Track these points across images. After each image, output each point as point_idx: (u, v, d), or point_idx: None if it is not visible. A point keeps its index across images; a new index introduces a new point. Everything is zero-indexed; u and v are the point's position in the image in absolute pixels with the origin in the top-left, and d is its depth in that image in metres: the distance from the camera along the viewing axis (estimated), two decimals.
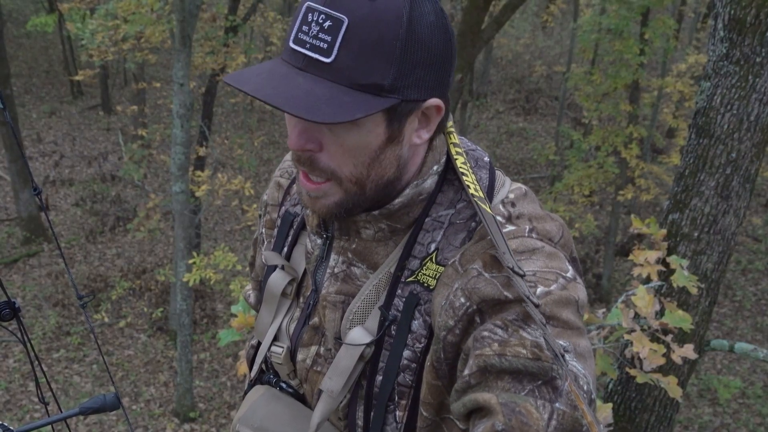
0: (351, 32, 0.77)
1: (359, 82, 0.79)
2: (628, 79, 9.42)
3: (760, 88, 2.67)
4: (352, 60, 0.78)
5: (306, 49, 0.80)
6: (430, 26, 0.81)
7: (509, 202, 0.92)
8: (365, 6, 0.78)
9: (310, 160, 0.86)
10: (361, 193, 0.88)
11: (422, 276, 0.90)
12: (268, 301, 1.07)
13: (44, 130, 14.58)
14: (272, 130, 15.41)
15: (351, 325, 0.94)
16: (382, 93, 0.80)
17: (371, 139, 0.84)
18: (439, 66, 0.83)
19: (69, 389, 8.29)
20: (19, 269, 10.42)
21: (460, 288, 0.83)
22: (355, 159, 0.85)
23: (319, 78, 0.79)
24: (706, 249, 2.96)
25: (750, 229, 11.91)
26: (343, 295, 0.96)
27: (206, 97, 10.55)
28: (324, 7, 0.79)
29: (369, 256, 0.94)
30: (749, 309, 10.07)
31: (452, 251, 0.89)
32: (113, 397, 1.00)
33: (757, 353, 2.91)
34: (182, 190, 7.32)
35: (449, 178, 0.94)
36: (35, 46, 18.22)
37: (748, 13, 2.63)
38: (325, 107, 0.77)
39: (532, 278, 0.81)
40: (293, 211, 1.08)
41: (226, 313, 9.78)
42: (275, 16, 11.73)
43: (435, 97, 0.85)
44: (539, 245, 0.85)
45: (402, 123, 0.84)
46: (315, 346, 1.01)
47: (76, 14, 8.47)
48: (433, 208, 0.92)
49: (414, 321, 0.90)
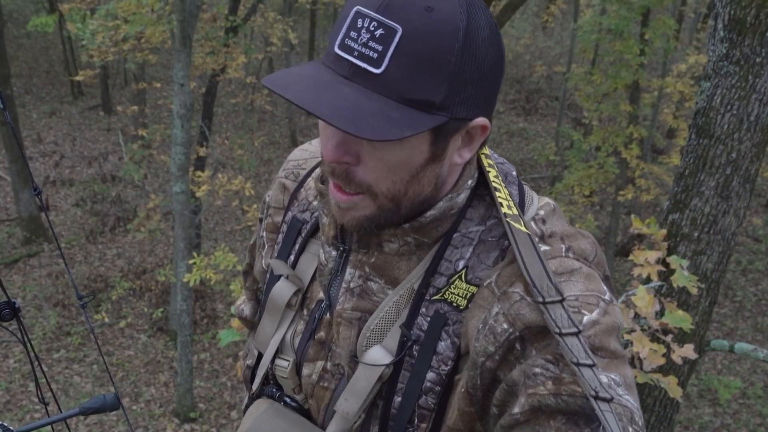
0: (404, 43, 0.72)
1: (409, 96, 0.74)
2: (628, 80, 9.42)
3: (760, 88, 2.67)
4: (403, 73, 0.73)
5: (354, 57, 0.74)
6: (484, 41, 0.76)
7: (540, 219, 0.88)
8: (421, 16, 0.73)
9: (345, 173, 0.81)
10: (396, 210, 0.83)
11: (450, 295, 0.85)
12: (272, 311, 1.02)
13: (44, 131, 14.59)
14: (272, 131, 15.41)
15: (368, 343, 0.89)
16: (432, 110, 0.75)
17: (414, 157, 0.79)
18: (489, 83, 0.79)
19: (69, 389, 8.29)
20: (19, 269, 10.42)
21: (502, 313, 0.79)
22: (395, 176, 0.80)
23: (365, 89, 0.74)
24: (706, 249, 2.96)
25: (750, 229, 11.91)
26: (359, 312, 0.91)
27: (206, 98, 10.55)
28: (376, 14, 0.73)
29: (389, 270, 0.89)
30: (749, 309, 10.06)
31: (484, 270, 0.84)
32: (113, 397, 1.00)
33: (758, 353, 2.91)
34: (182, 190, 7.32)
35: (480, 193, 0.89)
36: (35, 47, 18.22)
37: (748, 14, 2.63)
38: (373, 122, 0.72)
39: (574, 303, 0.77)
40: (302, 218, 1.03)
41: (227, 313, 9.78)
42: (275, 16, 11.72)
43: (482, 116, 0.80)
44: (577, 266, 0.81)
45: (447, 141, 0.80)
46: (321, 362, 0.97)
47: (76, 14, 8.47)
48: (462, 224, 0.87)
49: (440, 342, 0.85)
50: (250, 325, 1.24)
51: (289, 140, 14.94)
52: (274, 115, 15.91)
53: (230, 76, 10.15)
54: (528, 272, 0.77)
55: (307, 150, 1.10)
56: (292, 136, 14.88)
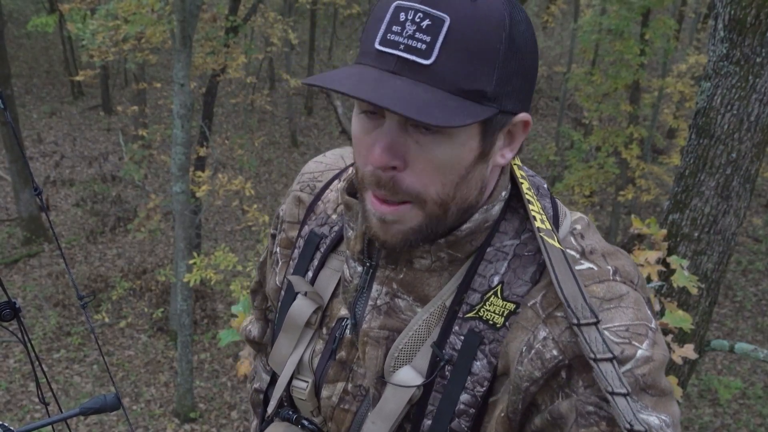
0: (453, 33, 0.70)
1: (462, 87, 0.71)
2: (628, 80, 9.42)
3: (761, 88, 2.67)
4: (454, 63, 0.70)
5: (400, 51, 0.71)
6: (524, 34, 0.75)
7: (578, 233, 0.85)
8: (467, 6, 0.71)
9: (392, 180, 0.76)
10: (443, 217, 0.79)
11: (485, 312, 0.81)
12: (289, 330, 0.97)
13: (45, 131, 14.59)
14: (272, 131, 15.41)
15: (396, 363, 0.85)
16: (484, 101, 0.72)
17: (464, 154, 0.75)
18: (530, 77, 0.77)
19: (69, 389, 8.29)
20: (19, 269, 10.42)
21: (552, 339, 0.75)
22: (444, 177, 0.76)
23: (417, 82, 0.71)
24: (707, 249, 2.96)
25: (750, 229, 11.90)
26: (387, 330, 0.86)
27: (207, 98, 10.55)
28: (421, 5, 0.71)
29: (418, 287, 0.85)
30: (750, 309, 10.06)
31: (521, 286, 0.81)
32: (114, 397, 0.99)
33: (758, 353, 2.91)
34: (183, 190, 7.32)
35: (513, 205, 0.86)
36: (36, 47, 18.23)
37: (749, 14, 2.63)
38: (436, 111, 0.69)
39: (624, 333, 0.73)
40: (320, 232, 0.98)
41: (227, 313, 9.78)
42: (276, 16, 11.72)
43: (525, 111, 0.78)
44: (625, 290, 0.77)
45: (494, 137, 0.77)
46: (342, 383, 0.93)
47: (76, 14, 8.47)
48: (496, 237, 0.83)
49: (476, 362, 0.80)
50: (257, 347, 1.20)
51: (289, 140, 14.94)
52: (275, 115, 15.91)
53: (230, 76, 10.15)
54: (562, 291, 0.74)
55: (322, 162, 1.06)
56: (292, 137, 14.88)
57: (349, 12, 15.38)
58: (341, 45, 20.15)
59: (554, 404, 0.75)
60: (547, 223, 0.82)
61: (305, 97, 16.37)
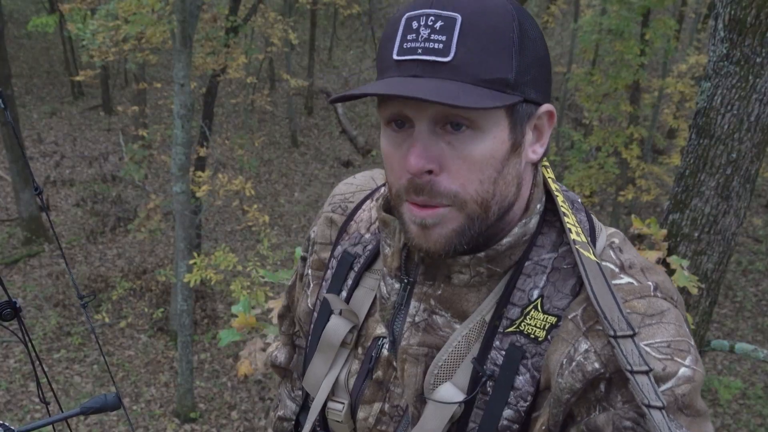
0: (466, 27, 0.72)
1: (484, 77, 0.73)
2: (628, 80, 9.42)
3: (761, 88, 2.67)
4: (473, 55, 0.72)
5: (418, 55, 0.73)
6: (532, 25, 0.77)
7: (617, 247, 0.85)
8: (474, 2, 0.74)
9: (430, 185, 0.76)
10: (485, 217, 0.79)
11: (526, 326, 0.81)
12: (324, 350, 0.96)
13: (45, 131, 14.59)
14: (273, 131, 15.41)
15: (436, 380, 0.84)
16: (507, 89, 0.74)
17: (497, 147, 0.76)
18: (546, 67, 0.79)
19: (70, 389, 8.30)
20: (19, 269, 10.42)
21: (594, 351, 0.75)
22: (482, 174, 0.76)
23: (441, 79, 0.73)
24: (707, 249, 2.96)
25: (751, 229, 11.90)
26: (426, 347, 0.86)
27: (207, 98, 10.55)
28: (431, 9, 0.74)
29: (457, 303, 0.85)
30: (750, 310, 10.06)
31: (562, 299, 0.81)
32: (114, 396, 1.00)
33: (758, 354, 2.91)
34: (183, 190, 7.32)
35: (549, 219, 0.86)
36: (36, 47, 18.23)
37: (749, 14, 2.63)
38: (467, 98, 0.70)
39: (666, 350, 0.73)
40: (353, 251, 0.98)
41: (227, 313, 9.78)
42: (276, 16, 11.73)
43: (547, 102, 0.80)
44: (666, 306, 0.77)
45: (523, 128, 0.78)
46: (379, 403, 0.92)
47: (77, 15, 8.47)
48: (534, 251, 0.84)
49: (518, 377, 0.80)
50: (282, 372, 1.20)
51: (289, 140, 14.94)
52: (275, 115, 15.91)
53: (231, 76, 10.15)
54: (598, 303, 0.74)
55: (352, 183, 1.07)
56: (293, 137, 14.88)
57: (349, 12, 15.37)
58: (341, 45, 20.15)
59: (590, 416, 0.74)
60: (582, 236, 0.82)
61: (305, 97, 16.37)
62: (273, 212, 12.17)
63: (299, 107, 16.20)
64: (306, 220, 12.28)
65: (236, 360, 8.83)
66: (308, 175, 13.86)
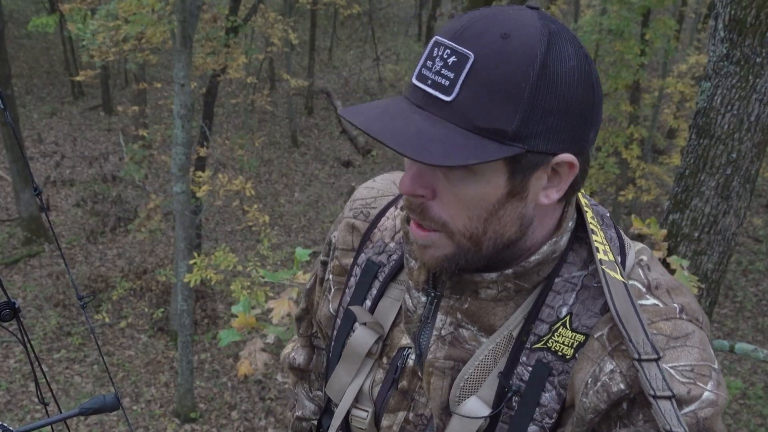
0: (476, 70, 0.70)
1: (479, 125, 0.71)
2: (628, 80, 9.42)
3: (761, 88, 2.67)
4: (474, 100, 0.70)
5: (427, 86, 0.73)
6: (569, 70, 0.72)
7: (645, 265, 0.84)
8: (496, 43, 0.71)
9: (421, 207, 0.78)
10: (476, 250, 0.79)
11: (554, 343, 0.81)
12: (349, 360, 0.96)
13: (45, 131, 14.60)
14: (273, 131, 15.41)
15: (462, 393, 0.85)
16: (505, 140, 0.71)
17: (489, 191, 0.75)
18: (575, 115, 0.73)
19: (70, 390, 8.30)
20: (19, 270, 10.42)
21: (620, 372, 0.75)
22: (470, 212, 0.76)
23: (436, 117, 0.72)
24: (707, 249, 2.96)
25: (751, 229, 11.90)
26: (452, 361, 0.86)
27: (207, 98, 10.56)
28: (451, 42, 0.72)
29: (483, 317, 0.85)
30: (750, 310, 10.06)
31: (591, 318, 0.80)
32: (113, 397, 0.99)
33: (758, 354, 2.91)
34: (183, 190, 7.32)
35: (580, 235, 0.85)
36: (36, 47, 18.23)
37: (749, 14, 2.63)
38: (436, 148, 0.70)
39: (689, 374, 0.73)
40: (378, 260, 0.97)
41: (227, 313, 9.78)
42: (276, 16, 11.73)
43: (568, 152, 0.75)
44: (691, 329, 0.78)
45: (526, 177, 0.75)
46: (403, 412, 0.92)
47: (77, 15, 8.48)
48: (564, 268, 0.83)
49: (545, 393, 0.80)
50: (300, 374, 1.20)
51: (289, 140, 14.95)
52: (275, 115, 15.91)
53: (231, 76, 10.15)
54: (623, 325, 0.74)
55: (373, 188, 1.06)
56: (293, 137, 14.88)
57: (350, 12, 15.38)
58: (341, 45, 20.16)
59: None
60: (610, 254, 0.81)
61: (305, 97, 16.38)
62: (273, 212, 12.17)
63: (299, 107, 16.20)
64: (306, 220, 12.28)
65: (236, 360, 8.83)
66: (308, 175, 13.86)
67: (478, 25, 0.73)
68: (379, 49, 18.54)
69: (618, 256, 0.83)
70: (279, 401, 8.43)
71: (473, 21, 0.73)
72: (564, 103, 0.72)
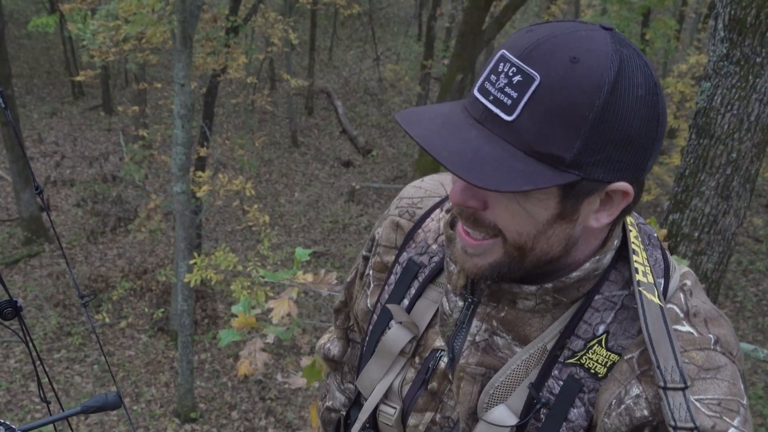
0: (540, 93, 0.69)
1: (537, 149, 0.70)
2: None
3: (761, 88, 2.67)
4: (535, 124, 0.69)
5: (488, 101, 0.73)
6: (636, 100, 0.70)
7: (688, 290, 0.83)
8: (564, 67, 0.69)
9: (474, 216, 0.79)
10: (520, 261, 0.79)
11: (588, 360, 0.80)
12: (382, 356, 0.97)
13: (45, 131, 14.60)
14: (273, 131, 15.42)
15: (491, 401, 0.85)
16: (561, 166, 0.70)
17: (539, 212, 0.75)
18: (637, 146, 0.72)
19: (70, 389, 8.30)
20: (20, 269, 10.42)
21: (646, 399, 0.75)
22: (520, 227, 0.76)
23: (493, 135, 0.72)
24: (707, 249, 2.96)
25: (751, 229, 11.90)
26: (483, 368, 0.86)
27: (207, 98, 10.56)
28: (518, 60, 0.71)
29: (519, 327, 0.84)
30: (750, 310, 10.06)
31: (627, 339, 0.80)
32: (114, 396, 1.00)
33: (758, 354, 2.91)
34: (183, 190, 7.33)
35: (624, 254, 0.84)
36: (36, 47, 18.24)
37: (749, 14, 2.63)
38: (491, 170, 0.69)
39: (716, 408, 0.72)
40: (419, 261, 0.98)
41: (227, 313, 9.78)
42: (276, 16, 11.73)
43: (625, 181, 0.73)
44: (723, 362, 0.76)
45: (579, 201, 0.75)
46: (431, 413, 0.93)
47: (77, 15, 8.48)
48: (605, 286, 0.82)
49: (573, 409, 0.80)
50: (334, 365, 1.21)
51: (289, 140, 14.95)
52: (275, 115, 15.91)
53: (231, 76, 10.16)
54: (654, 351, 0.73)
55: (421, 188, 1.06)
56: (293, 137, 14.88)
57: (350, 12, 15.38)
58: (342, 45, 20.16)
59: None
60: (650, 276, 0.80)
61: (306, 97, 16.38)
62: (273, 212, 12.17)
63: (299, 107, 16.20)
64: (306, 220, 12.29)
65: (236, 360, 8.82)
66: (308, 175, 13.86)
67: (547, 45, 0.71)
68: (379, 49, 18.54)
69: (661, 279, 0.82)
70: (279, 401, 8.44)
71: (543, 40, 0.72)
72: (626, 135, 0.71)
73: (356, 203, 12.68)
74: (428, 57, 14.02)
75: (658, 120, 0.73)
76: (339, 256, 11.17)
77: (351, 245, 11.49)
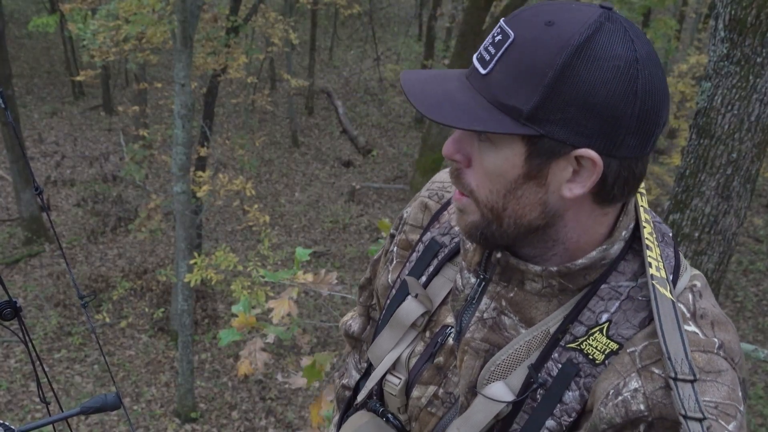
0: (511, 50, 0.75)
1: (501, 101, 0.75)
2: None
3: (761, 88, 2.67)
4: (503, 77, 0.76)
5: (476, 59, 0.80)
6: (607, 70, 0.72)
7: (697, 291, 0.85)
8: (538, 28, 0.75)
9: (457, 172, 0.85)
10: (498, 224, 0.83)
11: (587, 346, 0.82)
12: (395, 327, 1.01)
13: (46, 131, 14.60)
14: (273, 131, 15.42)
15: (491, 377, 0.87)
16: (521, 119, 0.75)
17: (507, 168, 0.79)
18: (604, 115, 0.73)
19: (70, 389, 8.30)
20: (20, 269, 10.43)
21: (643, 393, 0.76)
22: (491, 184, 0.81)
23: (470, 87, 0.79)
24: (707, 249, 2.96)
25: (751, 229, 11.90)
26: (488, 344, 0.89)
27: (207, 98, 10.56)
28: (503, 22, 0.79)
29: (526, 309, 0.87)
30: (750, 310, 10.06)
31: (628, 329, 0.81)
32: (114, 396, 1.00)
33: (758, 354, 2.91)
34: (183, 190, 7.33)
35: (636, 247, 0.86)
36: (37, 47, 18.24)
37: (749, 14, 2.63)
38: (451, 110, 0.77)
39: (713, 411, 0.74)
40: (441, 240, 1.02)
41: (227, 313, 9.78)
42: (276, 16, 11.73)
43: (593, 149, 0.75)
44: (725, 367, 0.77)
45: (544, 163, 0.77)
46: (434, 387, 0.97)
47: (77, 15, 8.49)
48: (612, 276, 0.84)
49: (568, 392, 0.82)
50: (353, 342, 1.23)
51: (290, 140, 14.94)
52: (275, 115, 15.92)
53: (231, 76, 10.16)
54: (665, 342, 0.75)
55: None
56: (293, 136, 14.88)
57: (350, 12, 15.38)
58: (342, 45, 20.16)
59: None
60: (662, 271, 0.82)
61: (306, 97, 16.38)
62: (273, 212, 12.17)
63: (300, 107, 16.20)
64: (306, 220, 12.29)
65: (236, 360, 8.82)
66: (309, 175, 13.86)
67: (533, 10, 0.77)
68: (379, 49, 18.54)
69: (670, 276, 0.83)
70: (279, 401, 8.44)
71: (535, 7, 0.78)
72: (589, 101, 0.73)
73: (356, 203, 12.69)
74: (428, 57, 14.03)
75: (636, 95, 0.73)
76: (339, 256, 11.17)
77: (351, 245, 11.49)
